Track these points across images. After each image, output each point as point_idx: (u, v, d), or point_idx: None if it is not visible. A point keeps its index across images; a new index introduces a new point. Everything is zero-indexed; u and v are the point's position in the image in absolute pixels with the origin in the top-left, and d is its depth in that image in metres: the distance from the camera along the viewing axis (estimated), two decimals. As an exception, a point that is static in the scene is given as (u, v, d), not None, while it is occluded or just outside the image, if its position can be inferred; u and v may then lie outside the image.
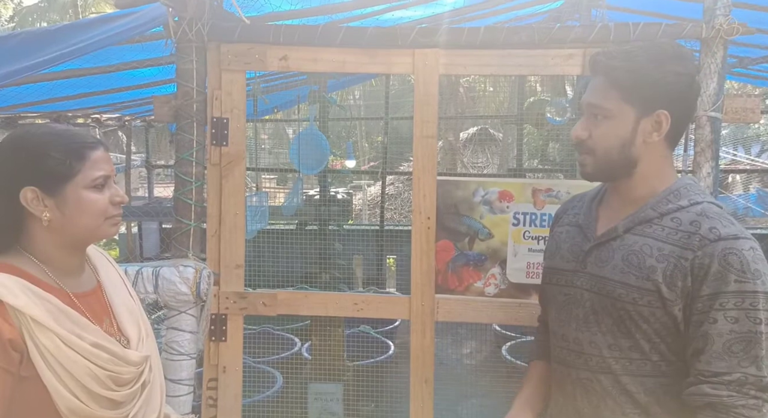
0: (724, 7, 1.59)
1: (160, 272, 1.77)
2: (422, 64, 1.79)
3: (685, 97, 1.16)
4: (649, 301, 1.11)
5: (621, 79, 1.14)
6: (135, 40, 1.93)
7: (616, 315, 1.15)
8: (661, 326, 1.12)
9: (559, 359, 1.26)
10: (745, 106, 1.65)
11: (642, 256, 1.13)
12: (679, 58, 1.14)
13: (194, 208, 1.84)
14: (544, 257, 1.38)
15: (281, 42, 1.80)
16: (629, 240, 1.16)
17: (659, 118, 1.14)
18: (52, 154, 1.03)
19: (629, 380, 1.15)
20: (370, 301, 1.92)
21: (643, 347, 1.14)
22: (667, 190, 1.17)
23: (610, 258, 1.17)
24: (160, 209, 5.15)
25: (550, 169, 5.80)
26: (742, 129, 11.78)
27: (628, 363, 1.15)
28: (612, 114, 1.15)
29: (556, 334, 1.27)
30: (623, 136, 1.15)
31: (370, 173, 9.86)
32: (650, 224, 1.15)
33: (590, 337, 1.19)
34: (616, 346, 1.16)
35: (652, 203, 1.17)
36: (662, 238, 1.13)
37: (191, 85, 1.80)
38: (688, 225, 1.12)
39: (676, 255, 1.10)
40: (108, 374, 1.03)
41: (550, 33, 1.73)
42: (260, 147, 7.02)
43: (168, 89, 3.11)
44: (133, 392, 1.08)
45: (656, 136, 1.16)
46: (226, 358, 1.90)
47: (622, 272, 1.14)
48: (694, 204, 1.15)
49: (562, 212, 1.38)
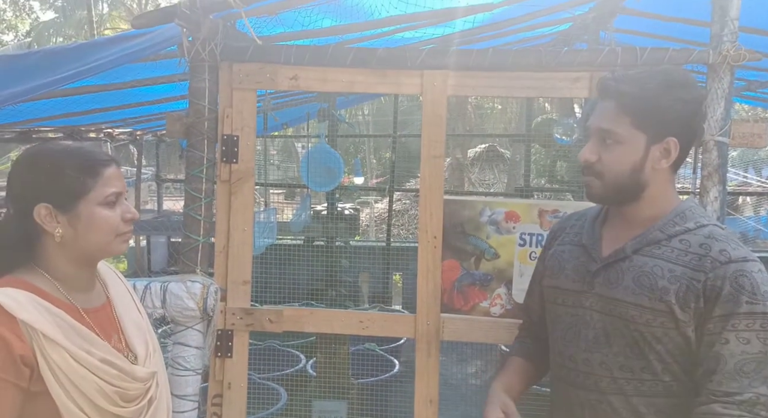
0: (731, 33, 1.60)
1: (168, 287, 1.79)
2: (431, 85, 1.82)
3: (691, 124, 1.18)
4: (663, 322, 1.12)
5: (632, 105, 1.15)
6: (150, 59, 1.97)
7: (629, 336, 1.15)
8: (674, 347, 1.13)
9: (566, 379, 1.25)
10: (753, 132, 1.65)
11: (653, 277, 1.14)
12: (686, 85, 1.16)
13: (203, 223, 1.86)
14: (541, 275, 1.38)
15: (292, 62, 1.83)
16: (639, 261, 1.16)
17: (669, 145, 1.16)
18: (66, 172, 1.05)
19: (640, 401, 1.15)
20: (375, 319, 1.92)
21: (656, 367, 1.14)
22: (673, 213, 1.18)
23: (620, 279, 1.17)
24: (168, 222, 5.19)
25: (558, 189, 5.80)
26: (753, 151, 11.73)
27: (639, 384, 1.15)
28: (623, 139, 1.16)
29: (562, 354, 1.27)
30: (634, 162, 1.16)
31: (378, 189, 9.89)
32: (659, 246, 1.16)
33: (601, 358, 1.18)
34: (627, 367, 1.16)
35: (659, 225, 1.17)
36: (672, 259, 1.14)
37: (203, 103, 1.83)
38: (697, 247, 1.13)
39: (688, 276, 1.11)
40: (116, 389, 1.04)
41: (558, 56, 1.75)
42: (269, 162, 7.07)
43: (179, 105, 3.16)
44: (139, 408, 1.08)
45: (665, 163, 1.17)
46: (232, 374, 1.90)
47: (634, 294, 1.15)
48: (700, 226, 1.16)
49: (560, 230, 1.38)
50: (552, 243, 1.38)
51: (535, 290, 1.41)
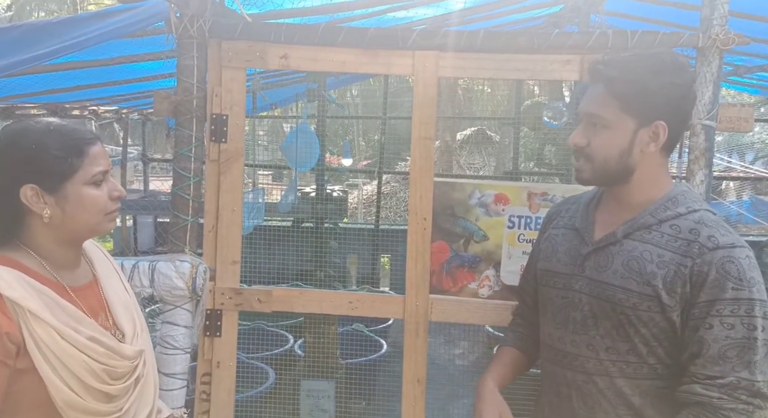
0: (721, 17, 1.61)
1: (156, 267, 1.78)
2: (422, 66, 1.81)
3: (681, 107, 1.18)
4: (649, 306, 1.13)
5: (620, 89, 1.15)
6: (136, 35, 1.93)
7: (615, 319, 1.17)
8: (659, 331, 1.14)
9: (555, 360, 1.27)
10: (739, 115, 1.67)
11: (642, 262, 1.15)
12: (677, 68, 1.16)
13: (192, 203, 1.85)
14: (534, 258, 1.39)
15: (282, 41, 1.81)
16: (629, 246, 1.18)
17: (657, 129, 1.16)
18: (51, 152, 1.03)
19: (625, 383, 1.17)
20: (364, 299, 1.93)
21: (641, 350, 1.16)
22: (665, 197, 1.19)
23: (609, 263, 1.19)
24: (155, 202, 5.14)
25: (546, 173, 5.83)
26: (737, 136, 11.86)
27: (624, 366, 1.17)
28: (611, 124, 1.17)
29: (551, 336, 1.28)
30: (622, 146, 1.17)
31: (367, 172, 9.87)
32: (649, 230, 1.17)
33: (588, 340, 1.20)
34: (613, 349, 1.18)
35: (650, 210, 1.18)
36: (662, 245, 1.15)
37: (191, 81, 1.80)
38: (687, 233, 1.14)
39: (676, 262, 1.12)
40: (103, 367, 1.04)
41: (549, 39, 1.75)
42: (257, 143, 7.01)
43: (167, 83, 3.11)
44: (127, 386, 1.08)
45: (653, 147, 1.17)
46: (221, 353, 1.91)
47: (622, 278, 1.16)
48: (691, 212, 1.17)
49: (555, 214, 1.39)
50: (547, 227, 1.39)
51: (530, 273, 1.42)
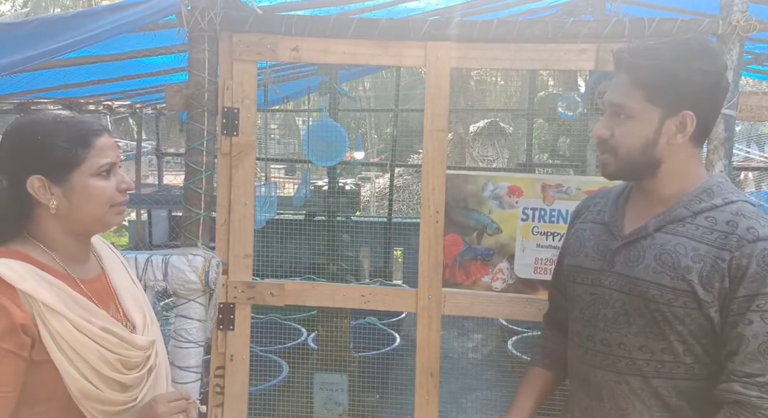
0: (742, 3, 1.57)
1: (169, 261, 1.79)
2: (434, 57, 1.78)
3: (711, 95, 1.12)
4: (685, 302, 1.08)
5: (645, 78, 1.10)
6: (147, 29, 1.93)
7: (649, 316, 1.12)
8: (696, 328, 1.09)
9: (584, 359, 1.23)
10: (761, 104, 1.63)
11: (676, 255, 1.09)
12: (707, 54, 1.10)
13: (204, 197, 1.85)
14: (563, 254, 1.35)
15: (293, 33, 1.80)
16: (661, 239, 1.12)
17: (684, 119, 1.10)
18: (58, 143, 1.03)
19: (660, 383, 1.12)
20: (376, 293, 1.92)
21: (677, 349, 1.11)
22: (699, 189, 1.13)
23: (641, 258, 1.14)
24: (169, 196, 5.18)
25: (560, 165, 5.77)
26: (756, 126, 11.63)
27: (659, 365, 1.12)
28: (635, 114, 1.12)
29: (580, 334, 1.24)
30: (646, 137, 1.12)
31: (379, 165, 9.85)
32: (683, 223, 1.12)
33: (619, 338, 1.16)
34: (647, 348, 1.13)
35: (684, 202, 1.13)
36: (697, 237, 1.09)
37: (203, 74, 1.80)
38: (724, 225, 1.08)
39: (713, 255, 1.07)
40: (117, 357, 1.05)
41: (564, 27, 1.72)
42: (270, 137, 7.03)
43: (179, 77, 3.12)
44: (140, 375, 1.10)
45: (680, 138, 1.12)
46: (234, 346, 1.92)
47: (655, 272, 1.11)
48: (728, 203, 1.11)
49: (584, 208, 1.34)
50: (575, 222, 1.35)
51: (560, 271, 1.38)
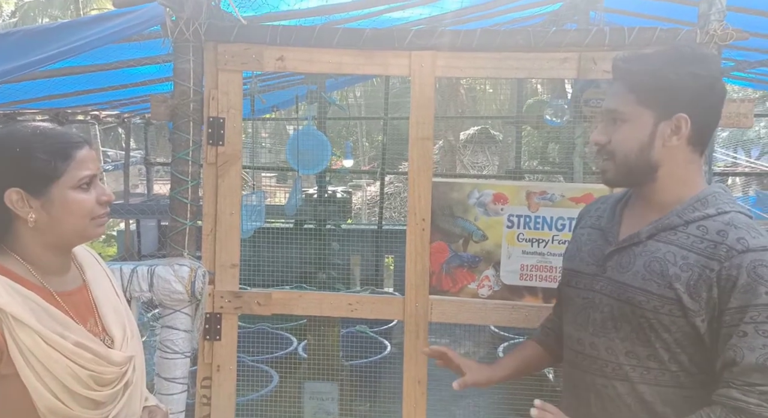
0: (719, 12, 1.59)
1: (155, 271, 1.78)
2: (419, 66, 1.80)
3: (706, 99, 1.13)
4: (671, 309, 1.09)
5: (637, 82, 1.12)
6: (133, 39, 1.94)
7: (635, 322, 1.13)
8: (682, 336, 1.09)
9: (574, 362, 1.24)
10: (739, 111, 1.65)
11: (665, 263, 1.10)
12: (699, 60, 1.11)
13: (190, 207, 1.85)
14: (563, 259, 1.36)
15: (278, 43, 1.81)
16: (652, 247, 1.13)
17: (678, 121, 1.12)
18: (36, 156, 1.02)
19: (646, 389, 1.13)
20: (364, 301, 1.92)
21: (662, 356, 1.11)
22: (694, 198, 1.14)
23: (631, 264, 1.15)
24: (158, 206, 5.15)
25: (550, 171, 5.81)
26: (742, 131, 11.76)
27: (645, 372, 1.13)
28: (629, 117, 1.14)
29: (571, 337, 1.25)
30: (641, 140, 1.13)
31: (370, 173, 9.87)
32: (675, 232, 1.12)
33: (607, 343, 1.17)
34: (633, 354, 1.14)
35: (678, 210, 1.14)
36: (687, 246, 1.10)
37: (188, 84, 1.80)
38: (714, 234, 1.08)
39: (701, 265, 1.07)
40: (90, 373, 1.03)
41: (546, 36, 1.74)
42: (260, 145, 7.02)
43: (165, 87, 3.12)
44: (115, 392, 1.07)
45: (676, 140, 1.13)
46: (221, 357, 1.91)
47: (643, 279, 1.12)
48: (721, 213, 1.11)
49: (585, 214, 1.36)
50: (576, 227, 1.37)
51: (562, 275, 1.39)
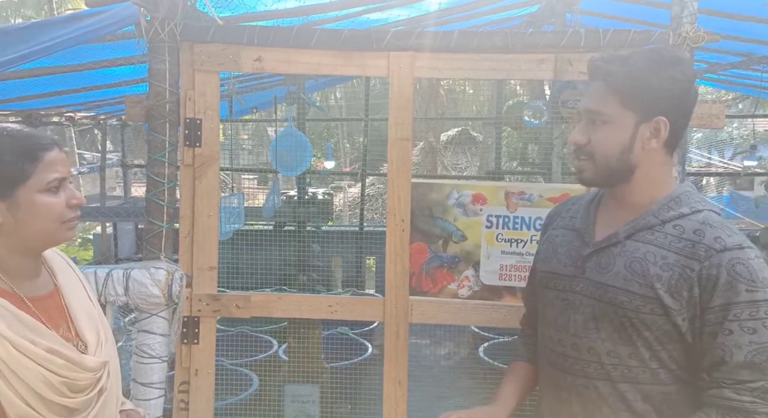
0: (691, 15, 1.62)
1: (130, 275, 1.75)
2: (397, 67, 1.80)
3: (682, 103, 1.15)
4: (652, 309, 1.10)
5: (620, 84, 1.12)
6: (106, 39, 1.91)
7: (617, 322, 1.14)
8: (662, 334, 1.11)
9: (555, 364, 1.24)
10: (711, 112, 1.68)
11: (645, 263, 1.12)
12: (677, 63, 1.13)
13: (167, 209, 1.82)
14: (536, 260, 1.36)
15: (255, 43, 1.79)
16: (631, 247, 1.14)
17: (658, 124, 1.13)
18: (3, 158, 0.99)
19: (627, 388, 1.14)
20: (344, 303, 1.92)
21: (643, 354, 1.13)
22: (668, 197, 1.16)
23: (611, 265, 1.15)
24: (135, 208, 5.07)
25: (529, 171, 5.86)
26: (716, 132, 12.01)
27: (626, 370, 1.14)
28: (611, 119, 1.14)
29: (552, 339, 1.25)
30: (622, 142, 1.14)
31: (351, 174, 9.86)
32: (652, 231, 1.14)
33: (589, 343, 1.17)
34: (615, 353, 1.15)
35: (653, 210, 1.15)
36: (665, 246, 1.12)
37: (164, 85, 1.78)
38: (691, 233, 1.11)
39: (681, 264, 1.09)
40: (63, 380, 1.00)
41: (523, 38, 1.75)
42: (240, 147, 6.96)
43: (142, 88, 3.07)
44: (89, 398, 1.05)
45: (655, 143, 1.14)
46: (199, 361, 1.89)
47: (625, 280, 1.13)
48: (695, 212, 1.13)
49: (556, 215, 1.36)
50: (547, 228, 1.36)
51: (533, 276, 1.39)
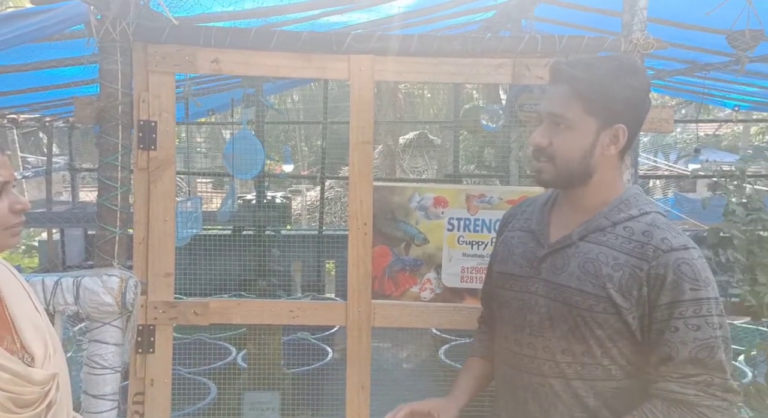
0: (641, 22, 1.68)
1: (81, 282, 1.68)
2: (357, 70, 1.80)
3: (638, 111, 1.18)
4: (604, 308, 1.14)
5: (584, 90, 1.15)
6: (54, 38, 1.83)
7: (571, 321, 1.17)
8: (613, 332, 1.15)
9: (511, 363, 1.26)
10: (660, 117, 1.75)
11: (598, 264, 1.15)
12: (635, 72, 1.17)
13: (120, 214, 1.76)
14: (492, 261, 1.38)
15: (212, 44, 1.75)
16: (584, 248, 1.18)
17: (617, 131, 1.16)
18: None
19: (580, 385, 1.17)
20: (306, 308, 1.89)
21: (595, 352, 1.16)
22: (618, 200, 1.20)
23: (565, 265, 1.19)
24: (84, 214, 4.88)
25: (486, 174, 5.96)
26: (661, 137, 12.53)
27: (580, 368, 1.17)
28: (574, 124, 1.16)
29: (508, 338, 1.27)
30: (584, 148, 1.17)
31: (309, 177, 9.79)
32: (604, 233, 1.17)
33: (544, 342, 1.20)
34: (569, 351, 1.18)
35: (604, 212, 1.19)
36: (616, 247, 1.15)
37: (116, 86, 1.72)
38: (640, 235, 1.15)
39: (631, 264, 1.13)
40: (8, 395, 0.95)
41: (482, 42, 1.78)
42: (195, 150, 6.80)
43: (93, 89, 2.96)
44: (37, 413, 1.00)
45: (614, 150, 1.17)
46: (154, 370, 1.82)
47: (578, 280, 1.16)
48: (643, 214, 1.18)
49: (511, 217, 1.38)
50: (503, 229, 1.38)
51: (490, 278, 1.41)
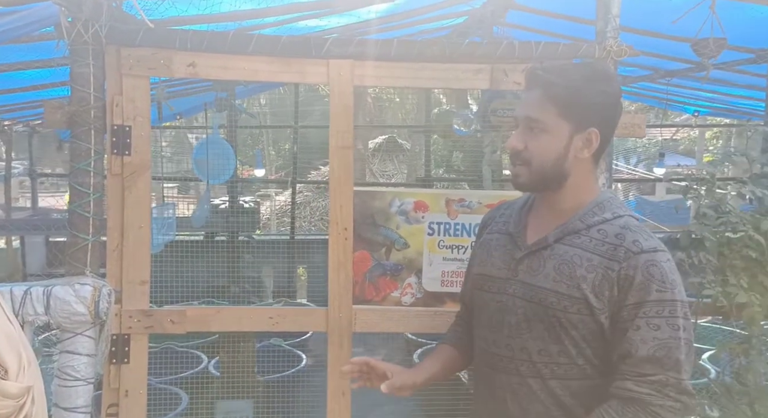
0: (614, 30, 1.73)
1: (52, 292, 1.62)
2: (337, 75, 1.79)
3: (611, 115, 1.22)
4: (579, 309, 1.17)
5: (558, 95, 1.18)
6: (21, 40, 1.76)
7: (547, 322, 1.19)
8: (588, 332, 1.18)
9: (490, 364, 1.29)
10: (633, 122, 1.80)
11: (573, 266, 1.18)
12: (608, 78, 1.21)
13: (93, 221, 1.71)
14: (471, 263, 1.40)
15: (189, 48, 1.72)
16: (560, 250, 1.21)
17: (590, 136, 1.20)
18: None
19: (556, 384, 1.20)
20: (286, 314, 1.87)
21: (571, 351, 1.19)
22: (593, 203, 1.23)
23: (541, 267, 1.21)
24: (46, 221, 4.71)
25: (456, 179, 6.01)
26: (623, 141, 12.89)
27: (556, 367, 1.20)
28: (549, 128, 1.19)
29: (486, 339, 1.30)
30: (558, 151, 1.20)
31: (279, 182, 9.70)
32: (579, 235, 1.21)
33: (522, 343, 1.22)
34: (545, 351, 1.20)
35: (580, 215, 1.22)
36: (590, 249, 1.19)
37: (88, 90, 1.67)
38: (613, 237, 1.18)
39: (604, 266, 1.16)
40: None
41: (461, 48, 1.80)
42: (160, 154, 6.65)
43: (57, 92, 2.87)
44: None
45: (587, 153, 1.21)
46: (129, 381, 1.77)
47: (554, 281, 1.19)
48: (617, 217, 1.21)
49: (490, 220, 1.41)
50: (482, 232, 1.41)
51: (469, 279, 1.43)
